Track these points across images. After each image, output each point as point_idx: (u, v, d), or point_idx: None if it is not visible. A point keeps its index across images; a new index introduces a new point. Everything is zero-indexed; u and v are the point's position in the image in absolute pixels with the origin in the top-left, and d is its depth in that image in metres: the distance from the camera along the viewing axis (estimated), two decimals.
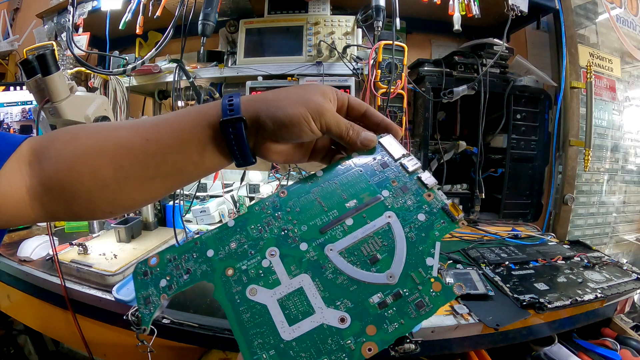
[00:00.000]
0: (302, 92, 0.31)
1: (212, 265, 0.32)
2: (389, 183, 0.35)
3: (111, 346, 0.80)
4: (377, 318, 0.28)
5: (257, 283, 0.31)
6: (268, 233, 0.33)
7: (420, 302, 0.29)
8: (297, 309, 0.30)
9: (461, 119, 1.38)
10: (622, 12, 1.31)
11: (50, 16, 1.40)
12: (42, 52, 0.63)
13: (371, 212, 0.33)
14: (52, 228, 1.12)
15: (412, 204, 0.33)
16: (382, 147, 0.37)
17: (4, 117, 1.21)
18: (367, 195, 0.34)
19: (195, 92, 1.14)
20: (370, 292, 0.30)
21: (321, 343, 0.28)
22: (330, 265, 0.31)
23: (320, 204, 0.35)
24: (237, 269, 0.32)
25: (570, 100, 1.16)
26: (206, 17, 0.87)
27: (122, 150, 0.30)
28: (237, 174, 1.37)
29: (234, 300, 0.31)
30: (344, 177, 0.36)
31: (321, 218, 0.34)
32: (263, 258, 0.32)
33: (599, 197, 1.24)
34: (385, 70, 0.97)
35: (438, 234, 0.32)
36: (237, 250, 0.33)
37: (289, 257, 0.32)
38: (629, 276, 0.84)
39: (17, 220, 0.31)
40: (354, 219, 0.33)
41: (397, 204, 0.33)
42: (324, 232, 0.33)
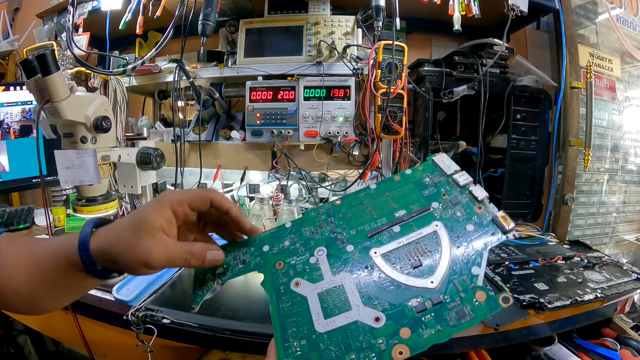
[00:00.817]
0: (134, 237, 0.33)
1: (266, 258, 0.36)
2: (439, 196, 0.35)
3: (111, 346, 0.80)
4: (413, 322, 0.28)
5: (302, 277, 0.33)
6: (319, 235, 0.36)
7: (461, 311, 0.28)
8: (335, 304, 0.30)
9: (461, 119, 1.38)
10: (622, 12, 1.31)
11: (50, 16, 1.40)
12: (42, 52, 0.63)
13: (419, 222, 0.34)
14: (52, 228, 1.12)
15: (461, 215, 0.33)
16: (436, 165, 0.38)
17: (4, 117, 1.21)
18: (416, 206, 0.35)
19: (195, 92, 1.15)
20: (409, 296, 0.29)
21: (352, 339, 0.28)
22: (373, 267, 0.32)
23: (370, 212, 0.36)
24: (287, 263, 0.34)
25: (570, 100, 1.16)
26: (206, 17, 0.87)
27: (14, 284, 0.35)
28: (237, 174, 1.37)
29: (278, 290, 0.33)
30: (396, 191, 0.37)
31: (370, 224, 0.35)
32: (311, 255, 0.34)
33: (599, 197, 1.24)
34: (385, 70, 0.97)
35: (486, 245, 0.31)
36: (290, 247, 0.36)
37: (335, 257, 0.33)
38: (629, 276, 0.84)
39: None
40: (402, 227, 0.34)
41: (446, 215, 0.34)
42: (371, 237, 0.34)
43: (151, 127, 1.39)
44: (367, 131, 1.02)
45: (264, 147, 1.15)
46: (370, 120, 1.01)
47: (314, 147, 1.09)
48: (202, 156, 1.13)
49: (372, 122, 1.02)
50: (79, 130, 0.75)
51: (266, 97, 1.09)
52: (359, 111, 1.04)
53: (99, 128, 0.75)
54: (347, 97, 1.05)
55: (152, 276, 0.80)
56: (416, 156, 1.19)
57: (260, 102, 1.09)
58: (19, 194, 1.52)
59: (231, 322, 0.66)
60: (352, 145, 1.08)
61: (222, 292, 0.77)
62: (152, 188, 1.04)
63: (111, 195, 0.84)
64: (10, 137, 1.21)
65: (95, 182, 0.75)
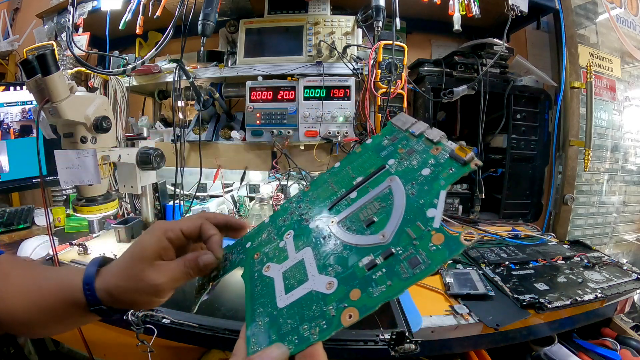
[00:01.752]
0: (138, 272, 0.34)
1: (247, 252, 0.38)
2: (396, 152, 0.34)
3: (111, 346, 0.80)
4: (363, 281, 0.26)
5: (272, 261, 0.34)
6: (289, 220, 0.37)
7: (414, 259, 0.25)
8: (295, 279, 0.30)
9: (461, 119, 1.38)
10: (622, 12, 1.30)
11: (50, 16, 1.40)
12: (42, 52, 0.63)
13: (375, 182, 0.33)
14: (52, 228, 1.12)
15: (417, 162, 0.31)
16: (394, 125, 0.38)
17: (4, 117, 1.21)
18: (373, 169, 0.35)
19: (195, 92, 1.15)
20: (362, 256, 0.28)
21: (306, 309, 0.27)
22: (329, 235, 0.32)
23: (332, 188, 0.37)
24: (262, 253, 0.36)
25: (570, 100, 1.16)
26: (206, 17, 0.87)
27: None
28: (237, 174, 1.37)
29: (253, 277, 0.34)
30: (356, 161, 0.37)
31: (331, 198, 0.35)
32: (281, 240, 0.35)
33: (599, 197, 1.24)
34: (385, 70, 0.97)
35: (443, 182, 0.28)
36: (266, 239, 0.37)
37: (300, 236, 0.34)
38: (629, 276, 0.84)
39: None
40: (358, 192, 0.34)
41: (401, 167, 0.32)
42: (331, 209, 0.34)
43: (151, 127, 1.39)
44: (367, 131, 1.02)
45: (264, 147, 1.15)
46: (370, 120, 1.01)
47: (314, 147, 1.09)
48: (202, 156, 1.13)
49: (372, 122, 1.02)
50: (79, 130, 0.75)
51: (266, 97, 1.09)
52: (359, 111, 1.04)
53: (99, 128, 0.75)
54: (347, 97, 1.05)
55: None
56: None
57: (260, 102, 1.09)
58: (19, 194, 1.52)
59: (231, 322, 0.66)
60: (352, 145, 1.08)
61: (222, 292, 0.77)
62: (152, 188, 1.04)
63: (111, 195, 0.84)
64: (10, 137, 1.21)
65: (95, 182, 0.75)
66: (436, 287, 0.78)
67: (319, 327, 0.26)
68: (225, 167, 1.21)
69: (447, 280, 0.78)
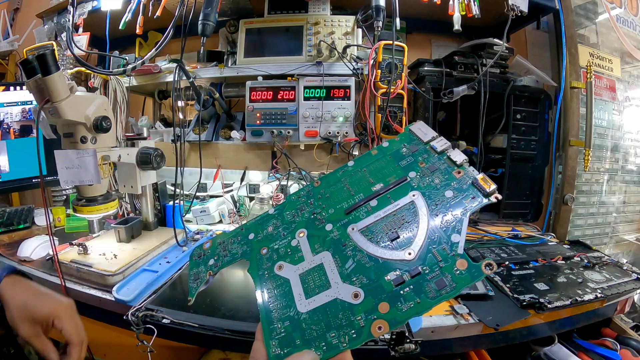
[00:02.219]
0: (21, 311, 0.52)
1: (251, 245, 0.36)
2: (417, 165, 0.35)
3: (111, 346, 0.80)
4: (391, 296, 0.27)
5: (284, 260, 0.33)
6: (300, 217, 0.36)
7: (441, 281, 0.27)
8: (315, 283, 0.30)
9: (461, 119, 1.38)
10: (622, 12, 1.30)
11: (50, 16, 1.40)
12: (42, 52, 0.63)
13: (396, 193, 0.33)
14: (52, 228, 1.12)
15: (439, 182, 0.32)
16: (412, 133, 0.37)
17: (4, 117, 1.20)
18: (393, 178, 0.35)
19: (195, 92, 1.14)
20: (387, 270, 0.29)
21: (332, 317, 0.28)
22: (351, 243, 0.31)
23: (348, 189, 0.36)
24: (270, 248, 0.35)
25: (570, 100, 1.16)
26: (206, 17, 0.87)
27: None
28: (237, 174, 1.37)
29: (262, 275, 0.33)
30: (373, 165, 0.37)
31: (347, 201, 0.35)
32: (293, 238, 0.35)
33: (599, 197, 1.24)
34: (385, 70, 0.97)
35: (466, 210, 0.30)
36: (273, 233, 0.36)
37: (314, 237, 0.34)
38: (629, 276, 0.84)
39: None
40: (379, 200, 0.33)
41: (423, 183, 0.33)
42: (349, 214, 0.34)
43: (151, 127, 1.39)
44: (367, 131, 1.02)
45: (264, 147, 1.15)
46: (370, 120, 1.01)
47: (314, 147, 1.09)
48: (202, 156, 1.13)
49: (372, 122, 1.02)
50: (79, 130, 0.75)
51: (266, 97, 1.09)
52: (359, 111, 1.04)
53: (99, 128, 0.75)
54: (347, 97, 1.05)
55: (152, 276, 0.80)
56: None
57: (260, 102, 1.09)
58: (19, 194, 1.52)
59: (231, 322, 0.66)
60: (352, 145, 1.08)
61: (221, 291, 0.77)
62: (152, 188, 1.04)
63: (111, 195, 0.84)
64: (10, 137, 1.21)
65: (95, 182, 0.75)
66: None
67: (348, 335, 0.26)
68: (225, 167, 1.21)
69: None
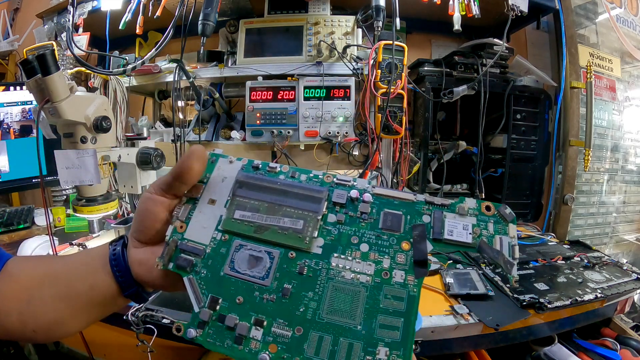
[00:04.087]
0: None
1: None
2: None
3: (111, 346, 0.80)
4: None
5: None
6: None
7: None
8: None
9: (461, 119, 1.38)
10: (622, 12, 1.30)
11: (50, 16, 1.40)
12: (42, 52, 0.63)
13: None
14: (52, 228, 1.12)
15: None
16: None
17: (4, 117, 1.21)
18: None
19: (195, 92, 1.15)
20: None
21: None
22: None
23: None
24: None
25: (570, 100, 1.16)
26: (206, 17, 0.87)
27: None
28: None
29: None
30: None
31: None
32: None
33: (599, 197, 1.24)
34: (385, 70, 0.97)
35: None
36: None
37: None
38: (629, 276, 0.84)
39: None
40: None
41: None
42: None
43: (151, 127, 1.39)
44: (367, 131, 1.02)
45: (264, 147, 1.15)
46: (370, 120, 1.01)
47: (314, 147, 1.09)
48: None
49: (372, 122, 1.02)
50: (79, 130, 0.75)
51: (266, 97, 1.09)
52: (359, 111, 1.04)
53: (99, 128, 0.75)
54: (347, 97, 1.05)
55: None
56: (416, 156, 1.19)
57: (260, 102, 1.09)
58: (19, 194, 1.52)
59: None
60: (352, 145, 1.08)
61: None
62: None
63: (111, 195, 0.84)
64: (10, 137, 1.21)
65: (95, 182, 0.75)
66: (436, 287, 0.78)
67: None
68: None
69: (447, 280, 0.78)
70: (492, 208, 0.28)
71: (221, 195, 0.31)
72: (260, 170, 0.32)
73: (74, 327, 0.35)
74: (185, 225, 0.30)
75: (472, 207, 0.28)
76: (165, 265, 0.29)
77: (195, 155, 0.30)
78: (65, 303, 0.33)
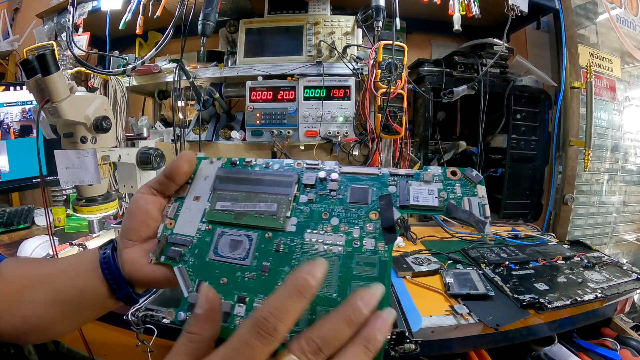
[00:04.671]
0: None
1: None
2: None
3: (111, 346, 0.80)
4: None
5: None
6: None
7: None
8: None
9: (461, 119, 1.38)
10: (622, 12, 1.30)
11: (50, 16, 1.40)
12: (42, 52, 0.63)
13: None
14: (52, 228, 1.12)
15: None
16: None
17: (4, 117, 1.21)
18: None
19: (195, 92, 1.15)
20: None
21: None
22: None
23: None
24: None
25: (570, 100, 1.16)
26: (206, 17, 0.87)
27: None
28: None
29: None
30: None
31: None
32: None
33: (599, 197, 1.24)
34: (385, 70, 0.97)
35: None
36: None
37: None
38: (629, 276, 0.84)
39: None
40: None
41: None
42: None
43: (151, 127, 1.39)
44: (367, 131, 1.02)
45: (264, 147, 1.15)
46: (370, 120, 1.01)
47: (314, 147, 1.09)
48: None
49: (372, 122, 1.02)
50: (79, 130, 0.75)
51: (266, 97, 1.09)
52: (359, 111, 1.05)
53: (99, 128, 0.75)
54: (347, 97, 1.05)
55: None
56: (416, 156, 1.19)
57: (260, 102, 1.09)
58: (19, 194, 1.52)
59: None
60: (352, 145, 1.08)
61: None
62: None
63: (111, 195, 0.84)
64: (10, 137, 1.21)
65: (95, 182, 0.75)
66: (436, 287, 0.78)
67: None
68: None
69: (447, 280, 0.78)
70: (458, 173, 0.29)
71: (204, 192, 0.33)
72: (238, 165, 0.34)
73: (64, 329, 0.36)
74: (174, 221, 0.33)
75: (437, 173, 0.30)
76: (158, 259, 0.31)
77: (184, 158, 0.33)
78: (56, 306, 0.34)
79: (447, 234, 1.14)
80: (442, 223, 1.16)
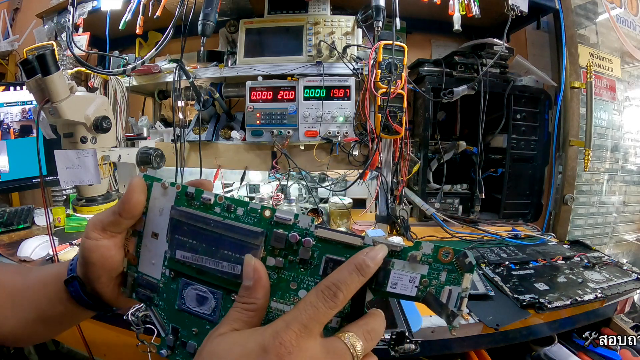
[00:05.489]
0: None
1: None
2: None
3: (111, 346, 0.80)
4: None
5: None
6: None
7: None
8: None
9: (461, 119, 1.38)
10: (622, 12, 1.30)
11: (50, 16, 1.40)
12: (42, 52, 0.63)
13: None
14: (52, 228, 1.12)
15: None
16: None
17: (4, 117, 1.20)
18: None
19: (195, 92, 1.15)
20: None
21: None
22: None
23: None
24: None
25: (570, 100, 1.16)
26: (206, 17, 0.87)
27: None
28: (237, 174, 1.37)
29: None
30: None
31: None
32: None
33: (599, 197, 1.24)
34: (385, 70, 0.97)
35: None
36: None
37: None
38: (629, 276, 0.84)
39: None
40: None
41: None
42: None
43: (151, 127, 1.39)
44: (367, 131, 1.02)
45: (264, 147, 1.15)
46: (370, 120, 1.01)
47: (314, 147, 1.09)
48: (202, 156, 1.13)
49: (372, 122, 1.02)
50: (79, 130, 0.75)
51: (266, 97, 1.09)
52: (359, 111, 1.04)
53: (99, 128, 0.75)
54: (347, 97, 1.05)
55: None
56: (416, 156, 1.19)
57: (260, 102, 1.09)
58: (19, 194, 1.52)
59: None
60: (352, 145, 1.08)
61: None
62: None
63: (111, 195, 0.84)
64: (10, 137, 1.21)
65: (95, 182, 0.75)
66: None
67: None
68: (225, 167, 1.21)
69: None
70: (450, 254, 0.26)
71: (161, 229, 0.31)
72: (195, 200, 0.30)
73: (41, 338, 0.37)
74: (137, 258, 0.32)
75: (427, 253, 0.26)
76: (130, 296, 0.33)
77: (135, 189, 0.30)
78: (29, 317, 0.34)
79: (447, 234, 1.14)
80: (442, 223, 1.16)
